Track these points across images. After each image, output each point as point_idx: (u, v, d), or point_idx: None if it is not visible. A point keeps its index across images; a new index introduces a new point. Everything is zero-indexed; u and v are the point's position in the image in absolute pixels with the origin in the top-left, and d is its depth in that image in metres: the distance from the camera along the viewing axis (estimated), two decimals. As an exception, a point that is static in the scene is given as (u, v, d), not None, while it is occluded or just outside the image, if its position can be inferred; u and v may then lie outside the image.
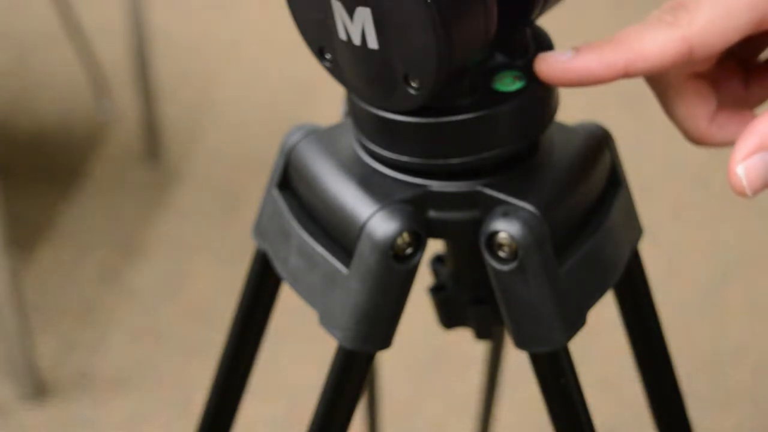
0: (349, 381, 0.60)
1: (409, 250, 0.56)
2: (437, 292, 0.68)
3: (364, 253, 0.56)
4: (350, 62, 0.55)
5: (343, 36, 0.54)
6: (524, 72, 0.57)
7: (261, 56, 2.30)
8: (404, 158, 0.57)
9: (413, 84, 0.53)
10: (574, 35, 2.51)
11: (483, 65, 0.56)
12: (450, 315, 0.68)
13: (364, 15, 0.52)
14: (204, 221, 1.93)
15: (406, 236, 0.56)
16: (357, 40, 0.53)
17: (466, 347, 1.35)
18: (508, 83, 0.56)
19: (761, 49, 0.62)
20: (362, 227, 0.56)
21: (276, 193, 0.62)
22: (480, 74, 0.56)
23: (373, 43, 0.53)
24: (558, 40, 0.60)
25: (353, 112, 0.59)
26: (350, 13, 0.53)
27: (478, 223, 0.57)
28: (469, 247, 0.63)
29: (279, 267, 0.62)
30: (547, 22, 0.59)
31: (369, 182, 0.58)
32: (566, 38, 0.60)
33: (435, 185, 0.57)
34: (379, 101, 0.55)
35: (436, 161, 0.56)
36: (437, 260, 0.69)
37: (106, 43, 2.24)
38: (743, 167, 0.55)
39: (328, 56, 0.56)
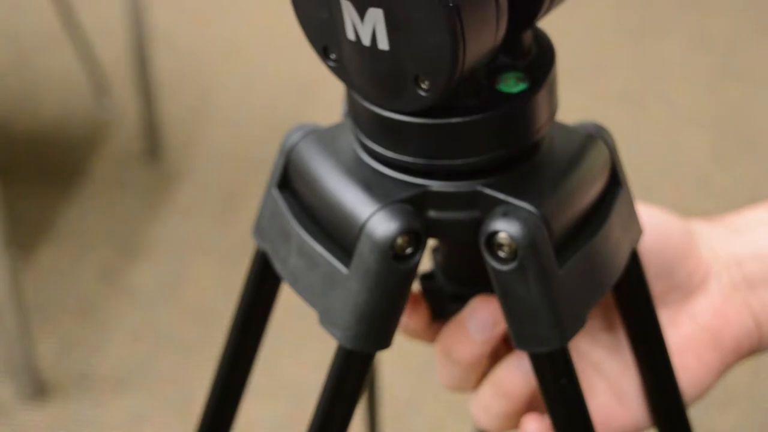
0: (349, 381, 0.60)
1: (409, 250, 0.56)
2: (426, 279, 0.67)
3: (363, 252, 0.56)
4: (357, 62, 0.55)
5: (351, 36, 0.54)
6: (526, 73, 0.57)
7: (261, 56, 2.30)
8: (406, 158, 0.56)
9: (423, 85, 0.53)
10: (574, 35, 2.51)
11: (487, 66, 0.56)
12: (434, 306, 0.68)
13: (375, 16, 0.52)
14: (204, 221, 1.93)
15: (405, 236, 0.56)
16: (366, 41, 0.53)
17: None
18: (512, 84, 0.56)
19: None
20: (362, 227, 0.56)
21: (276, 193, 0.62)
22: (484, 75, 0.56)
23: (383, 44, 0.53)
24: (558, 40, 0.60)
25: (354, 111, 0.58)
26: (361, 13, 0.52)
27: (478, 223, 0.57)
28: (460, 244, 0.63)
29: (279, 267, 0.62)
30: (547, 22, 0.59)
31: (369, 182, 0.58)
32: (566, 38, 0.60)
33: (435, 185, 0.57)
34: (387, 102, 0.55)
35: (439, 162, 0.56)
36: (437, 250, 0.69)
37: (106, 43, 2.24)
38: None
39: (332, 56, 0.56)
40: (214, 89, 2.23)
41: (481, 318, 0.63)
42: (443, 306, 0.67)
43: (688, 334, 0.65)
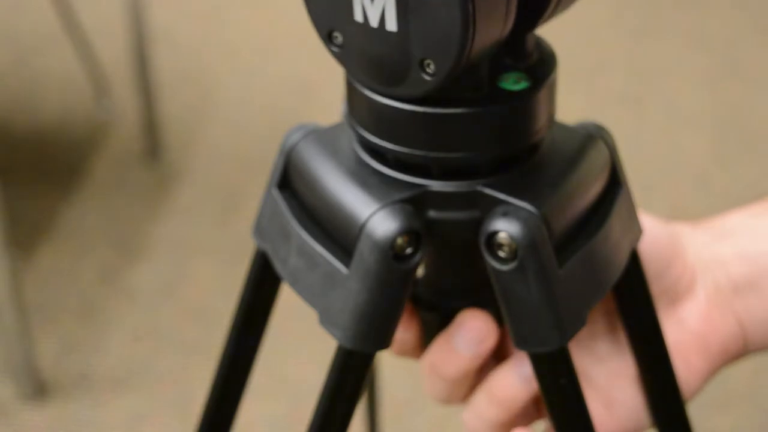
0: (349, 381, 0.60)
1: (408, 250, 0.56)
2: None
3: (363, 252, 0.56)
4: (363, 45, 0.55)
5: (359, 18, 0.54)
6: (528, 75, 0.57)
7: (261, 56, 2.30)
8: (405, 150, 0.56)
9: (428, 69, 0.53)
10: (574, 35, 2.50)
11: (490, 64, 0.56)
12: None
13: None
14: (204, 221, 1.93)
15: (405, 236, 0.56)
16: (374, 22, 0.53)
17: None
18: (513, 83, 0.57)
19: None
20: (362, 227, 0.56)
21: (276, 193, 0.62)
22: (486, 73, 0.56)
23: (392, 25, 0.53)
24: (558, 40, 0.60)
25: (353, 106, 0.58)
26: None
27: (478, 223, 0.57)
28: (442, 254, 0.63)
29: (279, 267, 0.62)
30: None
31: (369, 182, 0.58)
32: (567, 38, 0.60)
33: (435, 185, 0.57)
34: (389, 87, 0.55)
35: (437, 154, 0.56)
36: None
37: (106, 43, 2.24)
38: None
39: (337, 41, 0.56)
40: (214, 89, 2.23)
41: (469, 333, 0.62)
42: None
43: (675, 339, 0.66)
